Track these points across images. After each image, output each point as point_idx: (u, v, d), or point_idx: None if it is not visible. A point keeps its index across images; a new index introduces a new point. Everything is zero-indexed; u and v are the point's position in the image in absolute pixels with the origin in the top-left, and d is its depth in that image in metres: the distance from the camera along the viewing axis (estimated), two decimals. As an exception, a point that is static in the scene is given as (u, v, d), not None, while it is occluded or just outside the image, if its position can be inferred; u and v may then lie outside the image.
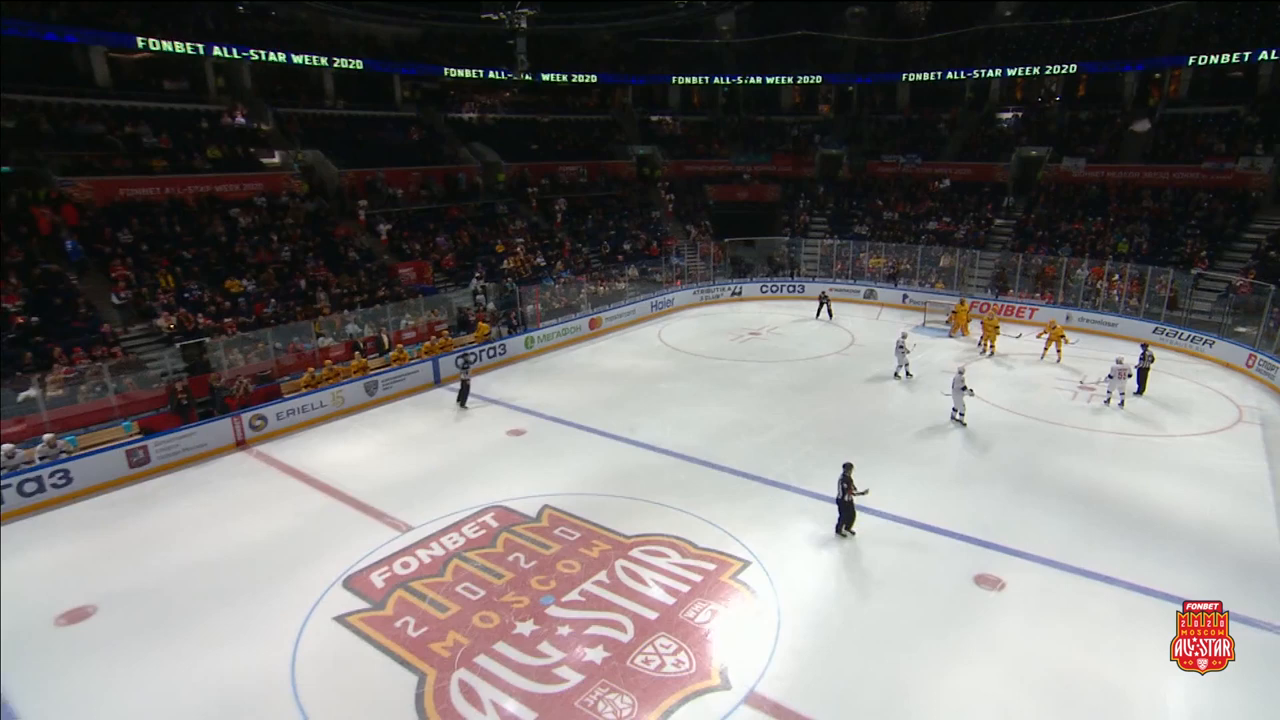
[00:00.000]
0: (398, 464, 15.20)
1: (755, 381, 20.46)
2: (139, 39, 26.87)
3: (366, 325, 21.47)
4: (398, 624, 9.88)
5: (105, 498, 14.27)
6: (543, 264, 28.99)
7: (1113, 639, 9.58)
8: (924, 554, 11.72)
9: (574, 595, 10.43)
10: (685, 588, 10.61)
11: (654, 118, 43.96)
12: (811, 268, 33.85)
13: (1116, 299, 25.70)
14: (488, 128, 37.57)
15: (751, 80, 43.46)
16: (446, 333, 21.44)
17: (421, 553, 11.61)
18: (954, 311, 25.42)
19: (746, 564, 11.28)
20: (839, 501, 11.97)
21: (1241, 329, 22.05)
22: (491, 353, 21.73)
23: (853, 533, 12.06)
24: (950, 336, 24.96)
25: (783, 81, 43.55)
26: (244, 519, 13.05)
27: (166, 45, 27.47)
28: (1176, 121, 32.38)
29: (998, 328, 22.97)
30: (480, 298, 24.60)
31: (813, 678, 8.98)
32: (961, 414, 16.91)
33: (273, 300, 21.88)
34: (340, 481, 14.29)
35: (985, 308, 26.42)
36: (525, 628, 9.75)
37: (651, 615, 9.99)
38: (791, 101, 45.64)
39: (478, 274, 26.16)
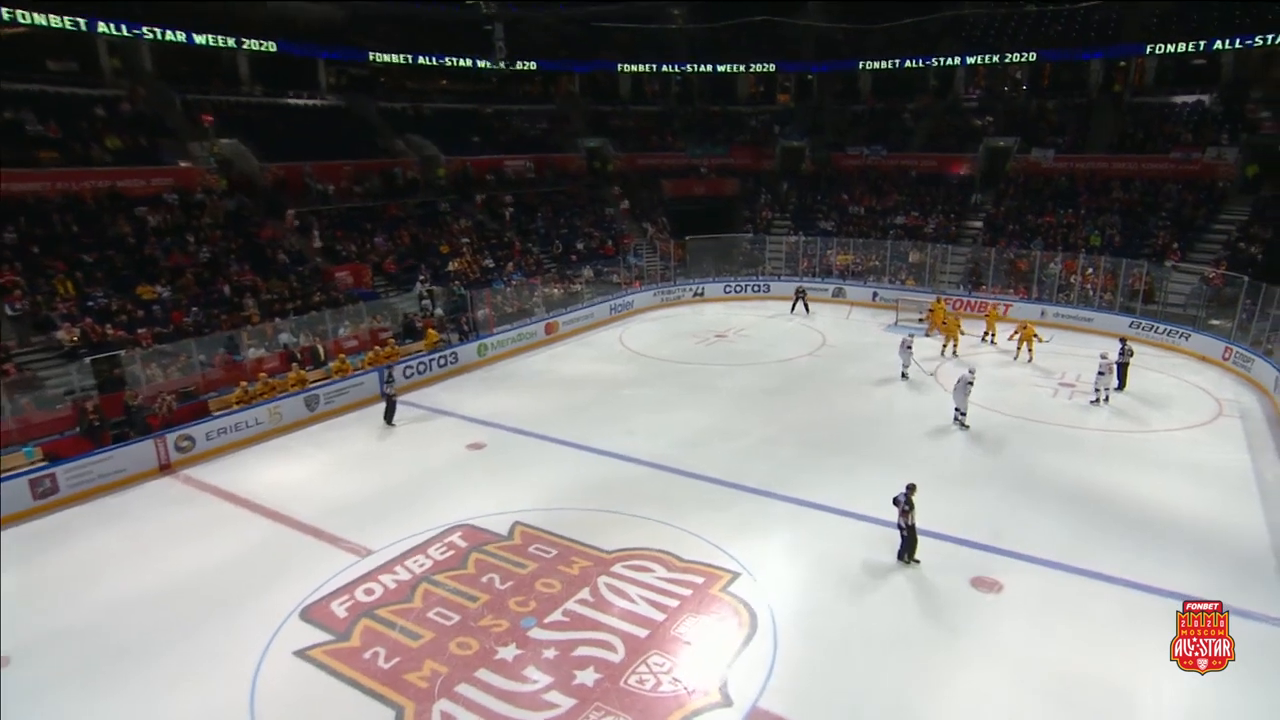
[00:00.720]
0: (349, 484, 15.01)
1: (725, 386, 20.88)
2: (5, 10, 24.92)
3: (302, 334, 21.08)
4: (366, 655, 9.79)
5: (8, 533, 13.64)
6: (492, 266, 28.95)
7: (1114, 638, 10.15)
8: (918, 558, 12.17)
9: (557, 616, 10.52)
10: (674, 602, 10.81)
11: (604, 108, 44.37)
12: (776, 266, 34.60)
13: (1091, 293, 27.10)
14: (424, 118, 37.30)
15: (703, 68, 44.23)
16: (392, 341, 21.24)
17: (385, 578, 11.51)
18: (929, 310, 26.34)
19: (736, 575, 11.54)
20: (898, 527, 11.81)
21: (1215, 321, 23.54)
22: (442, 361, 21.62)
23: (917, 561, 11.83)
24: (927, 335, 25.83)
25: (735, 69, 44.43)
26: (178, 550, 12.70)
27: (41, 19, 25.86)
28: (1143, 110, 34.38)
29: (959, 325, 23.86)
30: (426, 303, 24.43)
31: (816, 690, 9.28)
32: (963, 415, 17.51)
33: (193, 308, 21.32)
34: (285, 505, 14.03)
35: (980, 306, 27.50)
36: (508, 652, 9.79)
37: (642, 633, 10.15)
38: (749, 91, 46.64)
39: (422, 277, 25.97)
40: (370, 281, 25.46)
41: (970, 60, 39.62)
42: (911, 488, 11.77)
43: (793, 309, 29.85)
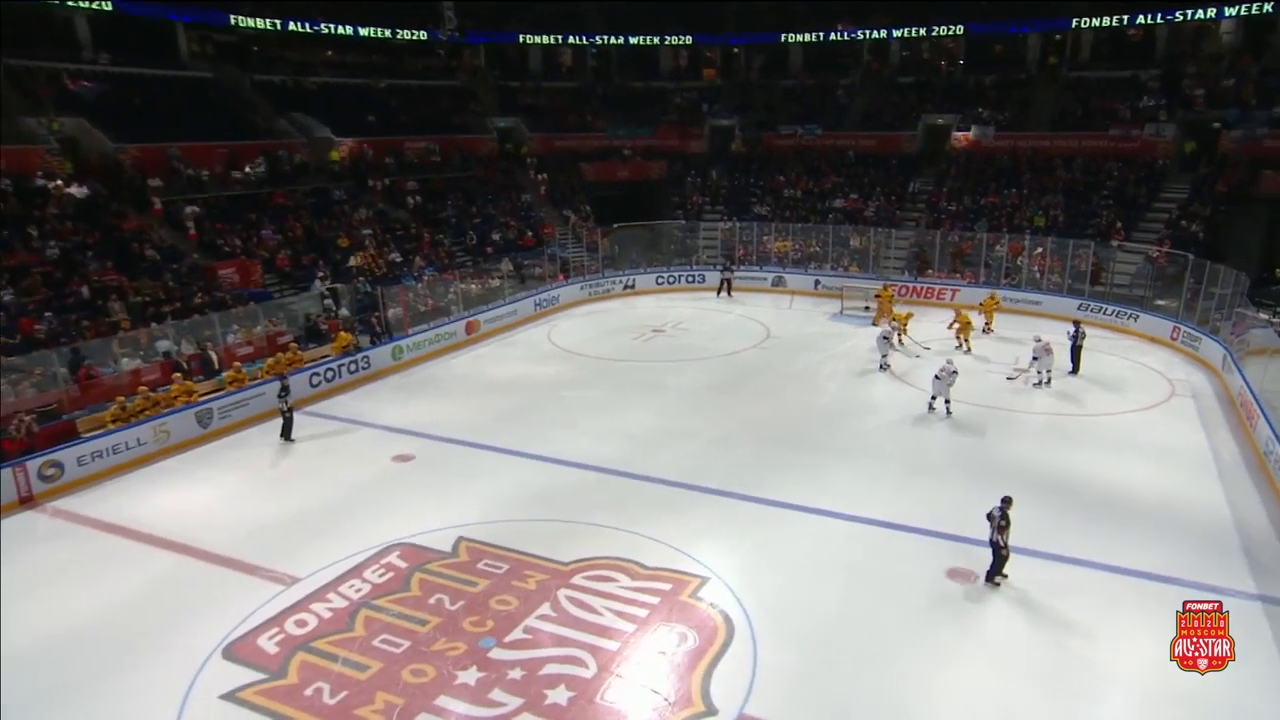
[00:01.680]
0: (261, 506, 14.67)
1: (670, 384, 21.40)
2: None
3: (184, 341, 20.38)
4: (308, 692, 9.68)
5: None
6: (399, 260, 28.58)
7: (1092, 620, 11.07)
8: (890, 553, 12.92)
9: (518, 634, 10.66)
10: (643, 612, 11.14)
11: (513, 84, 44.30)
12: (711, 254, 35.42)
13: (1038, 275, 28.98)
14: (309, 94, 36.43)
15: (614, 40, 44.72)
16: (294, 346, 20.77)
17: (318, 607, 11.36)
18: (876, 296, 27.55)
19: (705, 580, 11.96)
20: (992, 543, 11.83)
21: (1161, 301, 25.65)
22: (353, 367, 21.31)
23: (1005, 576, 11.90)
24: (874, 325, 27.01)
25: (648, 41, 45.04)
26: (61, 594, 12.09)
27: None
28: (1081, 86, 36.97)
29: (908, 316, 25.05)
30: (329, 302, 24.00)
31: (802, 692, 9.76)
32: (943, 401, 18.55)
33: (46, 314, 20.27)
34: (188, 534, 13.60)
35: (927, 292, 28.96)
36: (469, 676, 9.88)
37: (612, 645, 10.43)
38: (672, 65, 47.46)
39: (321, 274, 25.48)
40: (261, 279, 24.79)
41: (897, 34, 41.65)
42: (1008, 501, 11.80)
43: (719, 293, 31.34)
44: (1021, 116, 36.80)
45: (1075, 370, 21.31)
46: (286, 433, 17.87)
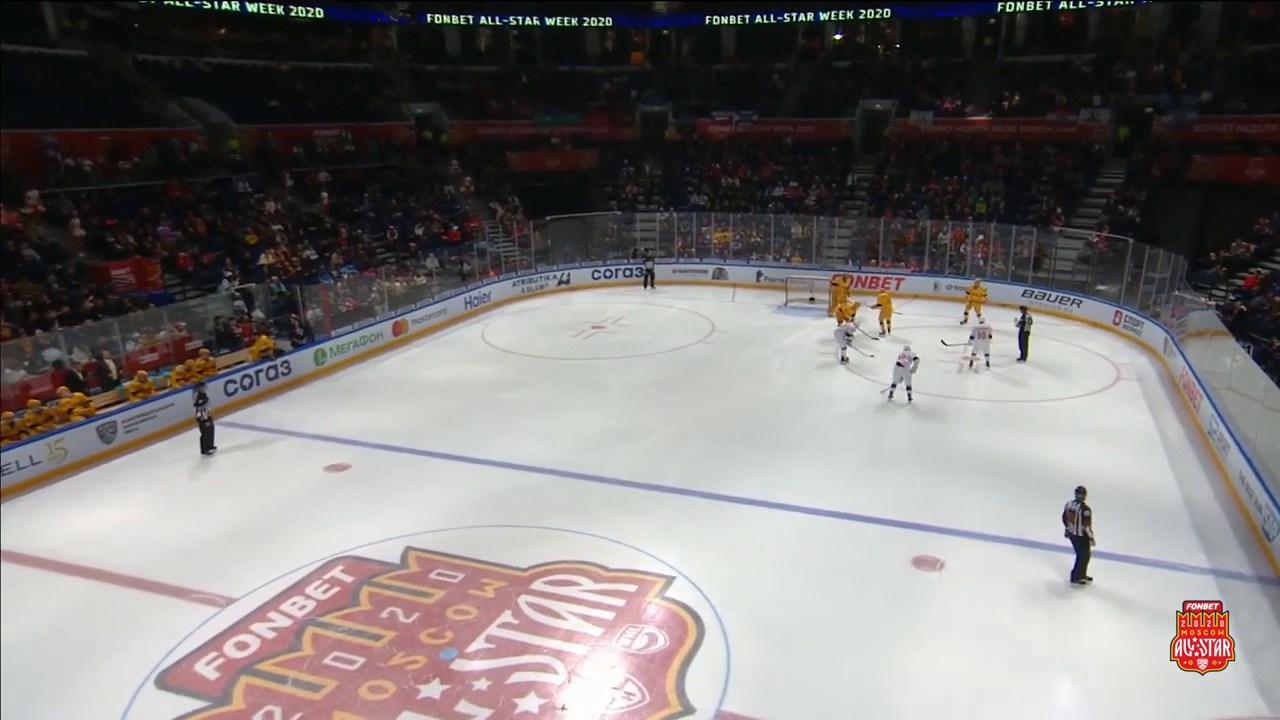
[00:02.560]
0: (183, 525, 14.30)
1: (615, 382, 21.75)
2: None
3: (76, 349, 19.62)
4: (257, 717, 9.56)
5: None
6: (315, 257, 28.07)
7: (1057, 601, 11.84)
8: (855, 544, 13.51)
9: (480, 643, 10.76)
10: (609, 614, 11.37)
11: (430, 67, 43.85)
12: (650, 246, 35.83)
13: (982, 263, 30.30)
14: (202, 76, 35.36)
15: (530, 21, 44.67)
16: (205, 351, 20.23)
17: (259, 627, 11.22)
18: (832, 285, 28.26)
19: (670, 580, 12.27)
20: (1074, 538, 12.02)
21: (1102, 286, 27.18)
22: (272, 373, 20.91)
23: (1090, 579, 12.10)
24: (829, 315, 27.78)
25: (566, 23, 45.11)
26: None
27: None
28: (1016, 71, 38.75)
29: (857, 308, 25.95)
30: (239, 304, 23.45)
31: (777, 687, 10.15)
32: (904, 389, 19.32)
33: (-88, 323, 19.30)
34: (101, 558, 13.18)
35: (874, 281, 30.12)
36: (432, 690, 9.94)
37: (580, 650, 10.63)
38: (599, 48, 47.76)
39: (229, 273, 24.83)
40: (160, 280, 23.97)
41: (824, 16, 42.82)
42: (1082, 491, 11.96)
43: (645, 285, 32.75)
44: (959, 101, 38.29)
45: (1024, 357, 22.42)
46: (207, 444, 17.45)
